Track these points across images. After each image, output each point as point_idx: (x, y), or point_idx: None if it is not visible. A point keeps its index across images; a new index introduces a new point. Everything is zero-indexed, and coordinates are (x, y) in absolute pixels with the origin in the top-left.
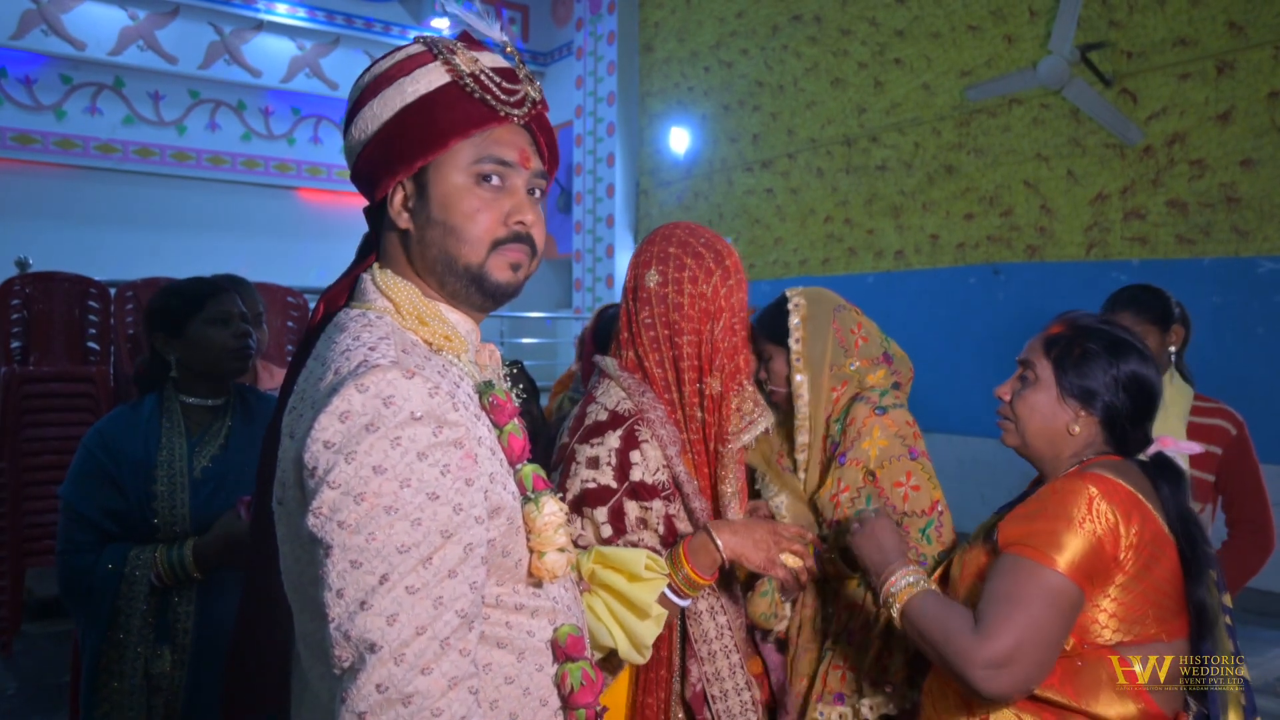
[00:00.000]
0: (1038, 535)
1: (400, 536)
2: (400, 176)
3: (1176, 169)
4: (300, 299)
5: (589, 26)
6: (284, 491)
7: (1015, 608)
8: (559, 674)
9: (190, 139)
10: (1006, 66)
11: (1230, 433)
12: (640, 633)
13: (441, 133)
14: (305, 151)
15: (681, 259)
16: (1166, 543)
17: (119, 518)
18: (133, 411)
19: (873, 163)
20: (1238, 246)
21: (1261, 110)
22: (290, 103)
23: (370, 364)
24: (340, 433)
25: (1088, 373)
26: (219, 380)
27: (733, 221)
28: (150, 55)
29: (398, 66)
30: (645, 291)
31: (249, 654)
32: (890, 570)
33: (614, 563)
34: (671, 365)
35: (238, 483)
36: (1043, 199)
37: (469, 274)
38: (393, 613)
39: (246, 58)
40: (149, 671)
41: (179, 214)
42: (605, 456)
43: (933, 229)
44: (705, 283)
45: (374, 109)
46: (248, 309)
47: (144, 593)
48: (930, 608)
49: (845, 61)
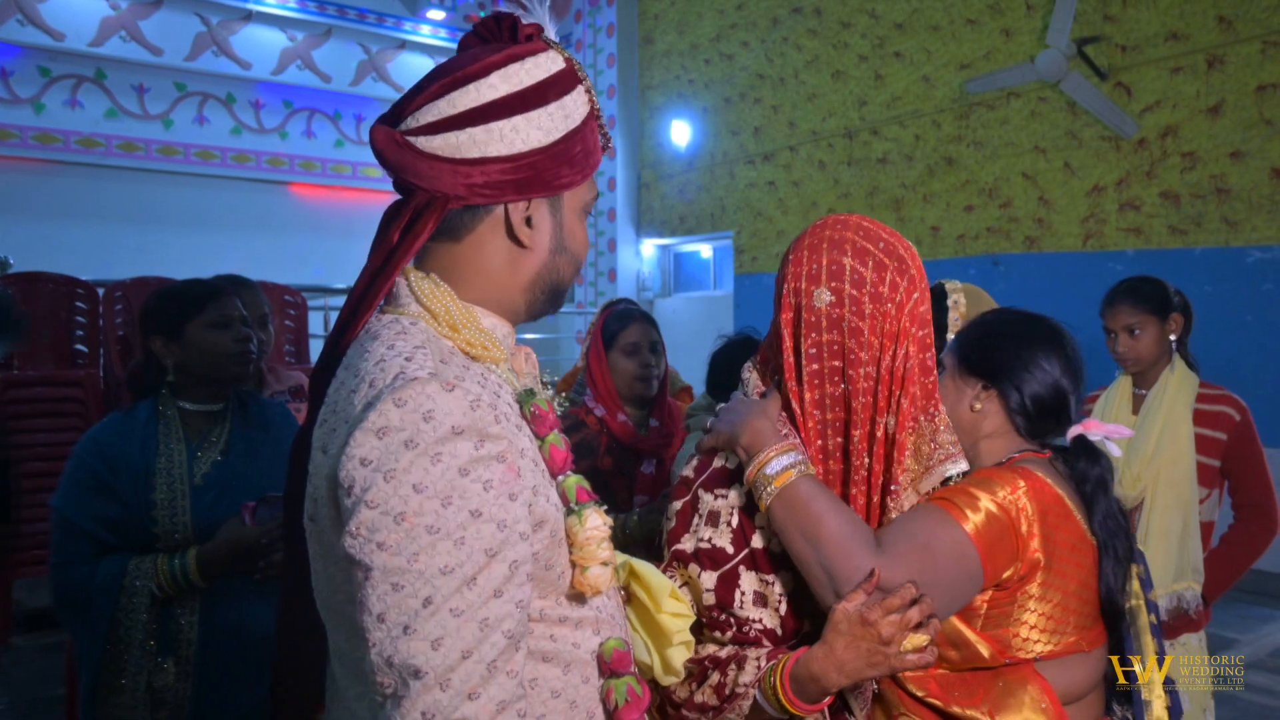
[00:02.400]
0: (959, 494)
1: (443, 557)
2: (540, 194)
3: (1169, 161)
4: (297, 297)
5: (588, 19)
6: (316, 508)
7: (922, 548)
8: (604, 689)
9: (177, 133)
10: (1005, 60)
11: (1234, 418)
12: (671, 656)
13: (588, 167)
14: (298, 145)
15: (859, 272)
16: (1087, 546)
17: (116, 527)
18: (128, 418)
19: (874, 155)
20: (1227, 236)
21: (1250, 104)
22: (281, 95)
23: (408, 376)
24: (378, 449)
25: (982, 348)
26: (219, 385)
27: (735, 214)
28: (134, 47)
29: (562, 80)
30: (813, 314)
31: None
32: (769, 449)
33: (643, 583)
34: (841, 404)
35: (240, 489)
36: (1041, 191)
37: (558, 293)
38: (437, 637)
39: (235, 49)
40: (152, 684)
41: (167, 211)
42: (726, 514)
43: (933, 221)
44: (890, 300)
45: (539, 120)
46: (252, 311)
47: (145, 603)
48: (820, 499)
49: (845, 54)
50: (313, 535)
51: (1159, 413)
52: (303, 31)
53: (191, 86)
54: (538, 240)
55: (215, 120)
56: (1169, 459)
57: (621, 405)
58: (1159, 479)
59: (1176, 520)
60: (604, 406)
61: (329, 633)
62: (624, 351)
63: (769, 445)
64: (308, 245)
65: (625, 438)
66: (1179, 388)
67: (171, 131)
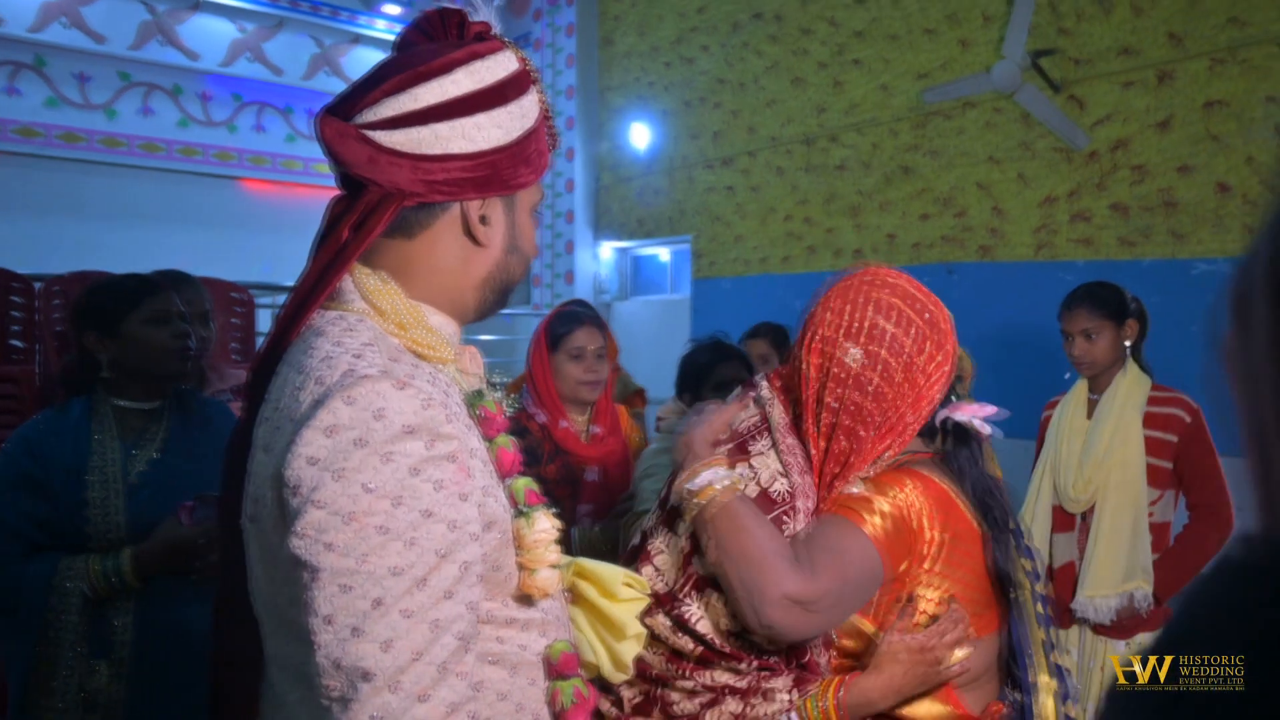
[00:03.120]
0: (854, 501)
1: (394, 558)
2: (496, 194)
3: (1119, 174)
4: (245, 294)
5: (547, 18)
6: (258, 509)
7: (835, 558)
8: (550, 691)
9: (121, 124)
10: (961, 70)
11: (1185, 420)
12: (620, 651)
13: (539, 168)
14: (248, 140)
15: (899, 340)
16: (975, 536)
17: (47, 526)
18: (60, 415)
19: (832, 162)
20: (1174, 249)
21: (1198, 119)
22: (231, 88)
23: (358, 373)
24: (327, 448)
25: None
26: (156, 382)
27: (694, 218)
28: (75, 34)
29: (520, 80)
30: (843, 370)
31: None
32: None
33: (592, 577)
34: (838, 459)
35: (177, 489)
36: (994, 200)
37: (509, 293)
38: (387, 639)
39: (182, 39)
40: (84, 687)
41: (109, 204)
42: None
43: (890, 228)
44: (919, 371)
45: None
46: (192, 307)
47: (76, 604)
48: (740, 515)
49: (805, 61)
50: (253, 536)
51: (1110, 416)
52: (253, 23)
53: (136, 76)
54: (493, 239)
55: (161, 112)
56: (1119, 461)
57: (564, 411)
58: (1109, 481)
59: (1127, 521)
60: (546, 412)
61: (268, 635)
62: (569, 355)
63: (696, 460)
64: (257, 242)
65: (568, 444)
66: (1130, 390)
67: (115, 122)
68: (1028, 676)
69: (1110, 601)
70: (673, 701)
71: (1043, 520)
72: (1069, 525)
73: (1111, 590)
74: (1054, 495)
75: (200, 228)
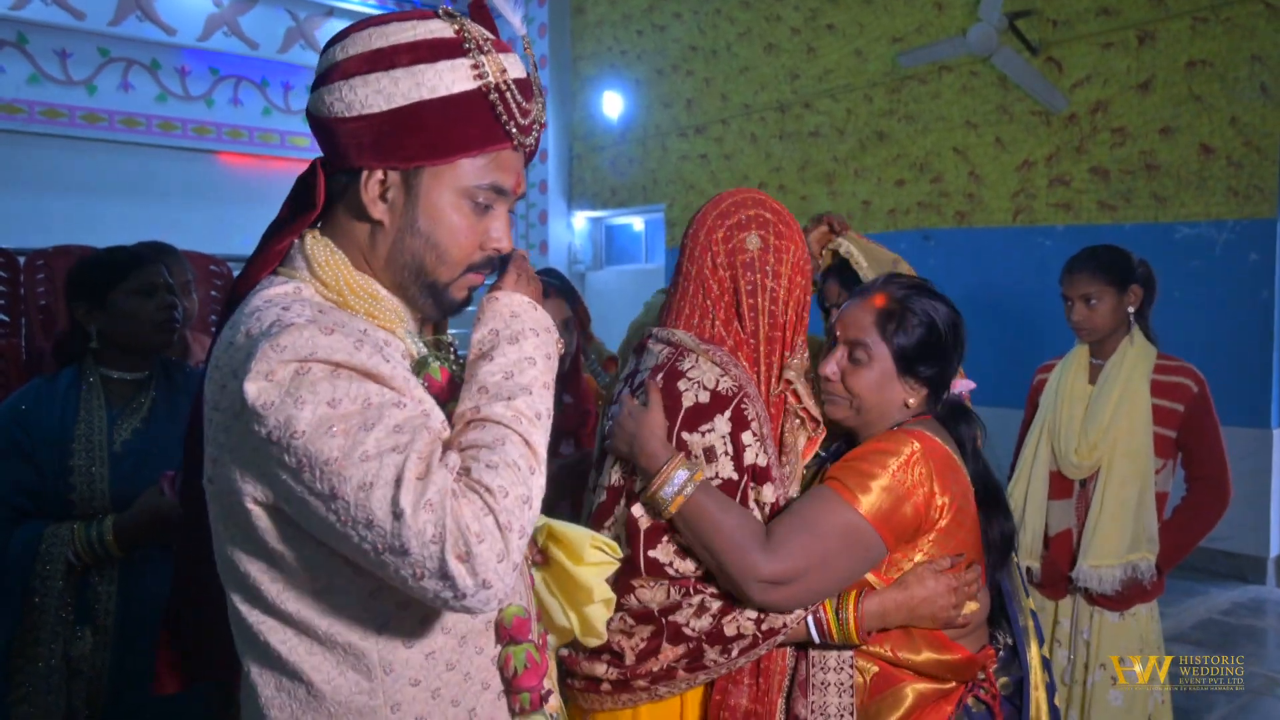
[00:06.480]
0: (851, 474)
1: (361, 417)
2: (389, 166)
3: (1099, 137)
4: (224, 267)
5: None
6: (215, 469)
7: (809, 535)
8: (502, 656)
9: (101, 99)
10: (937, 33)
11: (1192, 390)
12: (590, 615)
13: (453, 146)
14: (225, 114)
15: (779, 226)
16: (970, 494)
17: (33, 494)
18: (49, 384)
19: (806, 129)
20: (1156, 212)
21: (1180, 80)
22: (208, 62)
23: (284, 323)
24: (265, 390)
25: (924, 352)
26: (142, 353)
27: (667, 187)
28: (55, 10)
29: (420, 47)
30: (747, 254)
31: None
32: (662, 470)
33: (563, 540)
34: (765, 339)
35: (161, 458)
36: (971, 166)
37: (433, 290)
38: (394, 476)
39: (160, 14)
40: (68, 654)
41: (91, 179)
42: (720, 445)
43: (865, 195)
44: (799, 251)
45: (380, 84)
46: (175, 278)
47: (60, 571)
48: (710, 507)
49: (778, 27)
50: (213, 497)
51: (1116, 383)
52: None
53: (115, 52)
54: (387, 215)
55: (140, 87)
56: (1126, 429)
57: None
58: (1115, 449)
59: (1133, 491)
60: None
61: (230, 599)
62: None
63: (661, 465)
64: (235, 215)
65: None
66: (1137, 359)
67: (95, 98)
68: (1018, 622)
69: (1115, 571)
70: (682, 623)
71: (1039, 486)
72: (1067, 491)
73: (1116, 560)
74: (1052, 460)
75: (180, 201)
